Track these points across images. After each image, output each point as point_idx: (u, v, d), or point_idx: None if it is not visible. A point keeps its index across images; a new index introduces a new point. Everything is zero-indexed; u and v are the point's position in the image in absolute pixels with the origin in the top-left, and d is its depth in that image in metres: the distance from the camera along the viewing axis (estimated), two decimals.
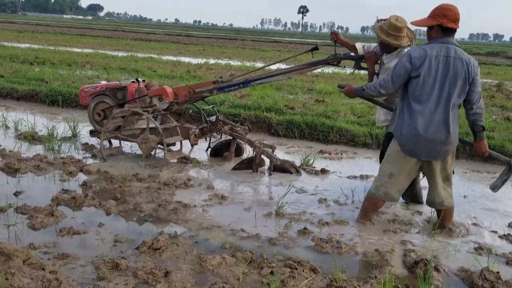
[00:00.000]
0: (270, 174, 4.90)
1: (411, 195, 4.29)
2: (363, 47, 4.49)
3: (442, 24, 3.41)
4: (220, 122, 5.29)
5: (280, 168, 4.97)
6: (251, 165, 4.99)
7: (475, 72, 3.40)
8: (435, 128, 3.39)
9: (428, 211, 4.06)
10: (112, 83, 5.63)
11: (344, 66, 4.96)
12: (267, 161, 5.07)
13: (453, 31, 3.46)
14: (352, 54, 4.58)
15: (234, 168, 5.01)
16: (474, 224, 3.93)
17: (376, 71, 4.31)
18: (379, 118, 4.43)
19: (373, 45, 4.43)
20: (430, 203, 3.74)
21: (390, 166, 3.63)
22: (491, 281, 2.91)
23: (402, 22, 3.98)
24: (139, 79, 5.61)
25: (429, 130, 3.38)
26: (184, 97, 5.21)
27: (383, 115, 4.32)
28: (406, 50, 3.93)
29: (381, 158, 4.04)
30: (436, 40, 3.45)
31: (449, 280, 3.00)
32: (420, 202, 4.24)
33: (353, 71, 4.75)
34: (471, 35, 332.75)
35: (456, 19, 3.42)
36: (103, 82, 5.82)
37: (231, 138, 5.33)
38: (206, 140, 5.77)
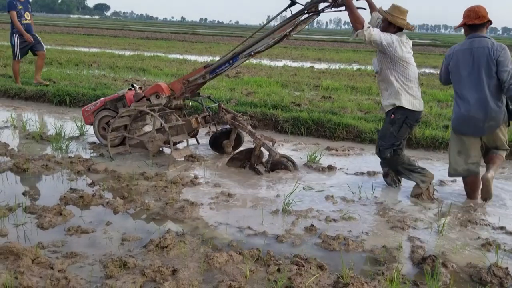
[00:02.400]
0: (266, 168, 4.87)
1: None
2: (377, 18, 4.48)
3: (466, 23, 4.12)
4: (223, 110, 5.29)
5: (278, 163, 4.93)
6: (249, 156, 4.98)
7: (498, 54, 3.94)
8: (475, 108, 4.00)
9: (436, 207, 4.04)
10: (110, 96, 5.73)
11: (323, 10, 4.69)
12: (265, 154, 5.04)
13: (478, 26, 4.10)
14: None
15: (232, 158, 5.01)
16: (482, 219, 3.90)
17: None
18: (384, 103, 4.41)
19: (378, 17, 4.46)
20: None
21: (455, 145, 4.26)
22: (499, 277, 2.89)
23: (404, 8, 4.22)
24: (134, 85, 5.68)
25: (471, 111, 4.02)
26: (180, 90, 5.23)
27: (387, 100, 4.34)
28: (404, 37, 4.21)
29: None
30: (468, 36, 4.16)
31: (457, 276, 2.98)
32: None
33: (330, 8, 4.49)
34: None
35: (477, 16, 4.07)
36: (102, 98, 5.93)
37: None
38: (209, 129, 5.77)
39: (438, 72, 4.71)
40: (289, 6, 4.72)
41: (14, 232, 3.32)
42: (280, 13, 4.98)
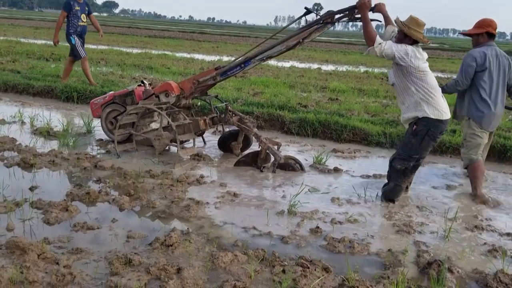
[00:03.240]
0: (273, 171, 4.88)
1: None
2: (392, 32, 4.38)
3: (489, 31, 4.65)
4: (230, 112, 5.29)
5: (285, 165, 4.94)
6: (256, 159, 4.98)
7: (510, 63, 4.72)
8: (500, 107, 4.66)
9: (442, 212, 4.02)
10: (119, 91, 5.75)
11: (338, 21, 4.73)
12: (272, 157, 5.04)
13: (494, 36, 4.74)
14: (345, 7, 4.46)
15: (238, 161, 5.01)
16: (489, 225, 3.88)
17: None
18: (404, 117, 4.33)
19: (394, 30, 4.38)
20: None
21: (480, 139, 4.68)
22: (505, 284, 2.87)
23: (422, 21, 4.11)
24: (144, 81, 5.68)
25: (497, 108, 4.62)
26: (189, 89, 5.22)
27: (405, 114, 4.25)
28: (413, 47, 4.06)
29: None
30: (485, 43, 4.66)
31: (463, 282, 2.97)
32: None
33: (347, 21, 4.53)
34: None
35: (495, 27, 4.71)
36: (111, 92, 5.95)
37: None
38: (216, 129, 5.78)
39: (453, 77, 4.90)
40: (305, 14, 4.80)
41: (21, 227, 3.34)
42: (295, 20, 5.15)
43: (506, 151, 5.81)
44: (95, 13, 10.06)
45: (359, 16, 4.37)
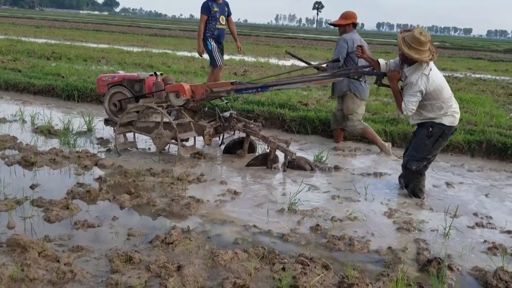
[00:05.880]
0: (284, 170, 4.89)
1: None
2: (386, 63, 4.46)
3: (353, 22, 5.79)
4: (234, 119, 5.29)
5: (295, 164, 4.96)
6: (266, 161, 5.00)
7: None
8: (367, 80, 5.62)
9: (442, 210, 4.02)
10: (130, 74, 5.66)
11: (365, 81, 4.99)
12: (281, 157, 5.06)
13: (356, 25, 5.84)
14: (376, 71, 4.55)
15: (248, 164, 5.02)
16: (489, 223, 3.88)
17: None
18: (413, 122, 4.39)
19: (397, 60, 4.40)
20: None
21: (360, 110, 5.78)
22: (505, 281, 2.87)
23: (426, 37, 3.97)
24: (157, 72, 5.63)
25: (366, 81, 5.65)
26: (201, 95, 5.22)
27: (418, 118, 4.27)
28: (425, 64, 4.03)
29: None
30: (350, 31, 5.81)
31: (463, 280, 2.97)
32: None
33: (377, 87, 4.78)
34: (489, 32, 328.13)
35: (357, 18, 5.89)
36: (121, 73, 5.86)
37: (244, 136, 5.34)
38: (219, 138, 5.79)
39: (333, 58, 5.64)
40: (334, 61, 5.34)
41: (22, 224, 3.35)
42: (324, 63, 5.83)
43: (507, 149, 5.81)
44: (95, 12, 9.71)
45: (386, 83, 4.44)
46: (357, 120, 5.79)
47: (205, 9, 7.49)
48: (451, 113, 4.13)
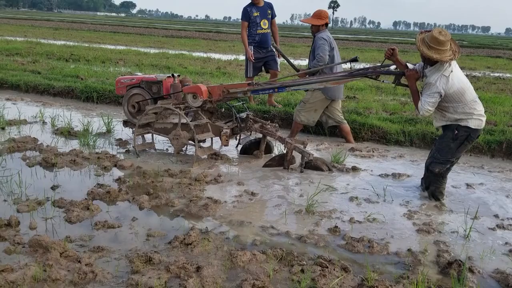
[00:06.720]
0: (301, 171, 4.88)
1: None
2: (414, 67, 4.37)
3: (326, 22, 5.94)
4: (251, 120, 5.30)
5: (312, 165, 4.95)
6: (282, 161, 4.99)
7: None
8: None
9: (462, 211, 3.97)
10: (148, 76, 5.73)
11: (383, 81, 4.93)
12: (298, 158, 5.05)
13: (327, 25, 5.99)
14: (392, 69, 4.51)
15: (265, 165, 5.02)
16: (510, 224, 3.82)
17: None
18: (437, 125, 4.30)
19: (422, 64, 4.32)
20: None
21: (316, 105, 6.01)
22: None
23: (445, 36, 3.91)
24: (174, 74, 5.67)
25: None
26: (218, 96, 5.25)
27: (442, 120, 4.20)
28: (447, 64, 3.95)
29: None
30: (323, 31, 5.87)
31: (484, 282, 2.93)
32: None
33: (394, 86, 4.70)
34: (507, 30, 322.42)
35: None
36: (140, 75, 5.94)
37: (260, 136, 5.34)
38: (236, 139, 5.80)
39: (316, 61, 5.75)
40: (351, 61, 5.12)
41: (43, 225, 3.41)
42: (342, 62, 5.61)
43: None
44: (112, 14, 9.65)
45: (405, 82, 4.39)
46: (304, 111, 5.97)
47: (244, 15, 7.27)
48: (477, 116, 4.04)
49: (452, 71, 3.97)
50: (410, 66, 4.42)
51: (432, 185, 4.30)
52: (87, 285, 2.65)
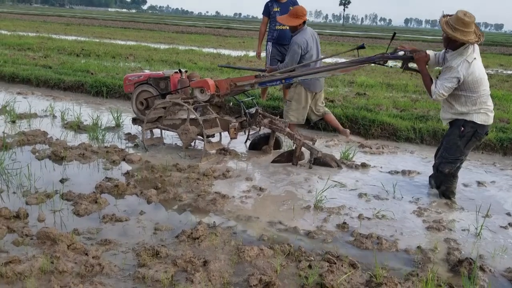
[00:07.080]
0: (310, 167, 4.85)
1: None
2: (435, 55, 4.25)
3: (304, 20, 5.56)
4: (260, 115, 5.27)
5: (321, 161, 4.91)
6: (291, 158, 4.96)
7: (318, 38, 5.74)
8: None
9: (473, 209, 3.91)
10: (155, 72, 5.72)
11: (391, 66, 4.82)
12: (306, 154, 5.02)
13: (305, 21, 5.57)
14: (400, 54, 4.41)
15: (274, 161, 5.00)
16: None
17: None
18: (444, 116, 4.23)
19: (442, 53, 4.23)
20: None
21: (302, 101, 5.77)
22: None
23: (470, 17, 3.81)
24: (181, 69, 5.66)
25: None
26: (225, 90, 5.23)
27: (450, 114, 4.12)
28: (471, 47, 3.86)
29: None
30: (302, 29, 5.56)
31: (495, 281, 2.88)
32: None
33: (402, 71, 4.59)
34: None
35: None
36: (147, 72, 5.93)
37: (269, 131, 5.32)
38: (245, 133, 5.78)
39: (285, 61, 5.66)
40: (358, 48, 4.94)
41: (51, 217, 3.42)
42: (348, 51, 5.47)
43: None
44: (123, 10, 9.51)
45: (413, 66, 4.30)
46: (292, 111, 5.73)
47: (265, 10, 7.09)
48: (485, 111, 3.95)
49: (475, 58, 3.87)
50: (430, 53, 4.24)
51: (443, 184, 4.23)
52: (94, 278, 2.65)
